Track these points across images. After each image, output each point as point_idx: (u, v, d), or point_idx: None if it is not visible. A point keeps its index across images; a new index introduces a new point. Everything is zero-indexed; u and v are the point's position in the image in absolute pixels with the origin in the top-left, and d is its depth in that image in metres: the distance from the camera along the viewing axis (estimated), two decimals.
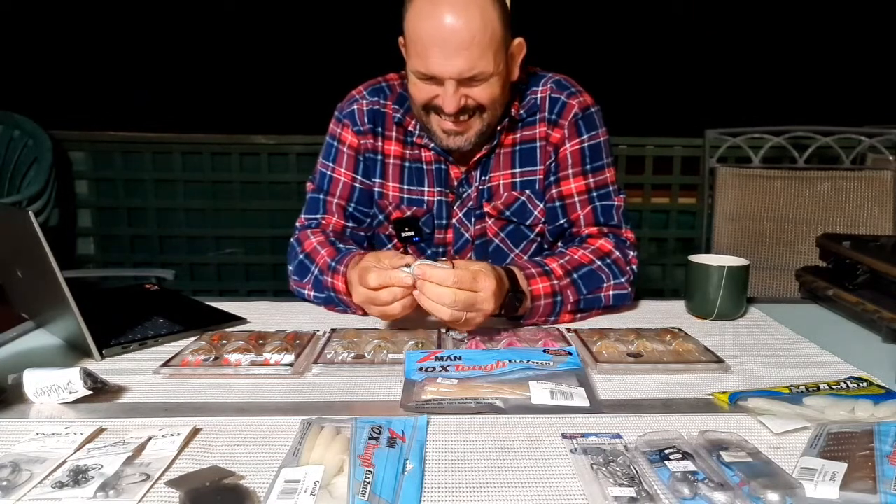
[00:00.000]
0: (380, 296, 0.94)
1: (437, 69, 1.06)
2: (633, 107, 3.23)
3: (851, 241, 1.23)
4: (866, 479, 0.59)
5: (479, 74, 1.07)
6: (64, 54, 3.74)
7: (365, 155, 1.27)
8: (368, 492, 0.58)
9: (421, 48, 1.06)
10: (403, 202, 1.27)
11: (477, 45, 1.04)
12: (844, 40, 3.85)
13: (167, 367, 0.88)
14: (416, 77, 1.11)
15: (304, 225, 1.27)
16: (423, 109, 1.15)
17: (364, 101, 1.26)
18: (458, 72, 1.06)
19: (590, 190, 1.22)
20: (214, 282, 3.04)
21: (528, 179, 1.24)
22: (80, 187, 2.94)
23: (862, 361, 0.92)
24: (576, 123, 1.21)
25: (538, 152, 1.23)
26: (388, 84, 1.28)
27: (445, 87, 1.08)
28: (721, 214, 1.96)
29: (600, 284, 1.13)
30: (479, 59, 1.05)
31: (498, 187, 1.24)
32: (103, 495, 0.58)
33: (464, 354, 0.89)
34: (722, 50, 4.02)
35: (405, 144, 1.26)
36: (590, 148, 1.22)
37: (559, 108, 1.21)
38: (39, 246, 0.85)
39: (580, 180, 1.22)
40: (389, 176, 1.27)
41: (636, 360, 0.91)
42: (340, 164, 1.27)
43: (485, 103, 1.11)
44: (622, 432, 0.70)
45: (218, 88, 3.95)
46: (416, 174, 1.26)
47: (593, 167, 1.22)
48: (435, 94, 1.10)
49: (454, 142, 1.15)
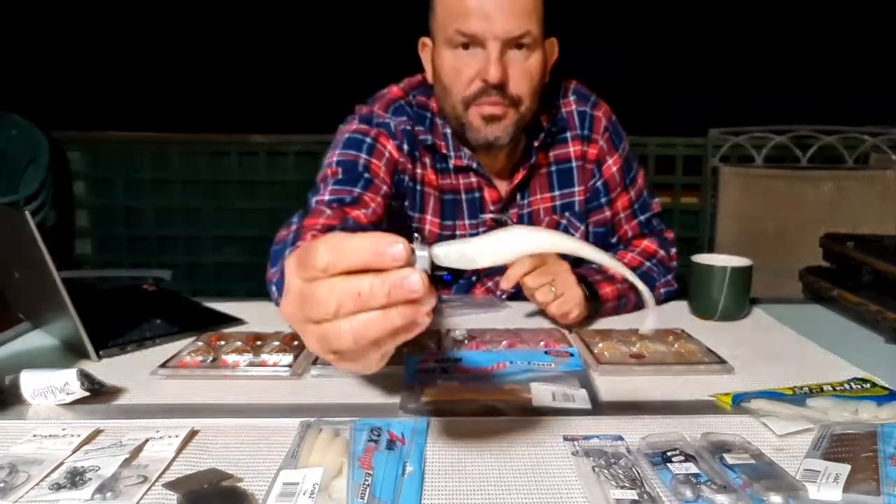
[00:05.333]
0: (339, 292, 0.46)
1: (482, 26, 0.98)
2: (635, 106, 3.22)
3: (855, 241, 1.23)
4: (870, 480, 0.59)
5: (526, 36, 0.99)
6: (61, 54, 3.73)
7: (402, 176, 1.12)
8: (367, 494, 0.57)
9: (462, 7, 0.99)
10: (440, 240, 1.17)
11: (524, 2, 0.99)
12: (847, 39, 3.85)
13: (165, 368, 0.87)
14: (452, 49, 1.02)
15: (327, 201, 1.00)
16: (462, 103, 1.05)
17: (393, 122, 1.12)
18: (504, 30, 0.98)
19: (632, 203, 1.23)
20: (212, 282, 3.04)
21: (568, 202, 1.21)
22: (77, 187, 2.94)
23: (865, 362, 0.91)
24: (610, 138, 1.20)
25: (575, 172, 1.20)
26: (404, 102, 1.15)
27: (488, 51, 1.00)
28: (724, 214, 1.95)
29: (653, 284, 1.17)
30: (527, 18, 0.98)
31: (538, 212, 1.20)
32: (101, 497, 0.57)
33: (464, 356, 0.88)
34: (724, 49, 4.02)
35: (438, 172, 1.16)
36: (625, 159, 1.22)
37: (589, 123, 1.19)
38: (36, 246, 0.85)
39: (623, 197, 1.23)
40: (429, 209, 1.16)
41: (638, 361, 0.90)
42: (380, 161, 1.08)
43: (522, 92, 1.04)
44: (624, 434, 0.69)
45: (216, 88, 3.94)
46: (451, 207, 1.18)
47: (630, 179, 1.23)
48: (475, 70, 1.01)
49: (492, 131, 1.06)
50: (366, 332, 0.45)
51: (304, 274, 0.47)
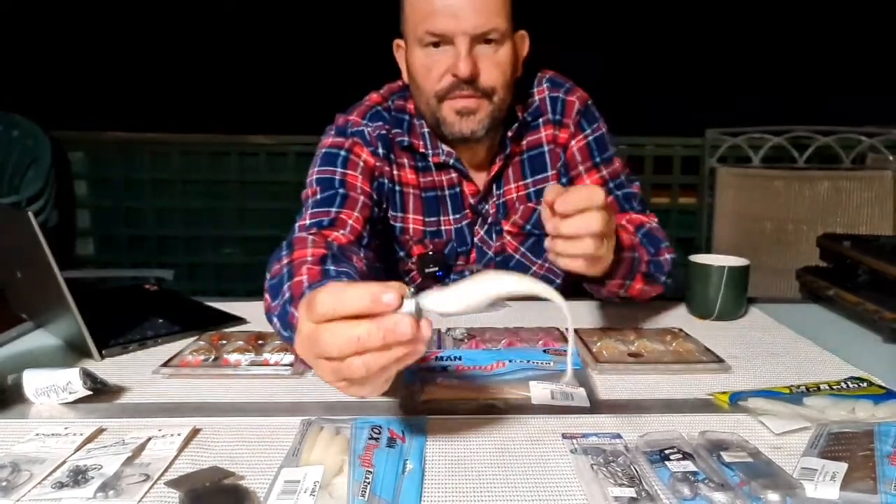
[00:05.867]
0: (340, 335, 0.53)
1: (450, 25, 1.00)
2: (632, 106, 3.23)
3: (852, 241, 1.23)
4: (867, 479, 0.59)
5: (494, 31, 1.01)
6: (62, 54, 3.74)
7: (380, 181, 1.15)
8: (368, 492, 0.57)
9: (429, 7, 1.01)
10: (426, 236, 1.20)
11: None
12: (846, 42, 3.85)
13: (167, 367, 0.88)
14: (422, 48, 1.04)
15: (307, 226, 1.02)
16: (434, 98, 1.07)
17: (369, 128, 1.14)
18: (472, 25, 1.00)
19: (605, 182, 1.18)
20: (213, 282, 3.04)
21: (542, 188, 1.20)
22: (79, 188, 2.95)
23: (862, 361, 0.92)
24: (579, 121, 1.19)
25: (548, 157, 1.20)
26: (382, 107, 1.17)
27: (457, 46, 1.01)
28: (721, 214, 1.96)
29: (658, 245, 1.10)
30: (494, 14, 1.00)
31: (513, 201, 1.21)
32: (103, 496, 0.58)
33: (464, 355, 0.89)
34: (722, 49, 4.02)
35: (418, 171, 1.18)
36: (595, 140, 1.19)
37: (561, 107, 1.19)
38: (39, 246, 0.85)
39: (594, 174, 1.18)
40: (410, 208, 1.19)
41: (636, 360, 0.91)
42: (355, 171, 1.11)
43: (494, 84, 1.05)
44: (622, 432, 0.69)
45: (216, 89, 3.94)
46: (434, 204, 1.20)
47: (603, 159, 1.19)
48: (445, 67, 1.03)
49: (467, 125, 1.07)
50: (375, 362, 0.53)
51: (312, 317, 0.55)
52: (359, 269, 0.89)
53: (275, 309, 0.82)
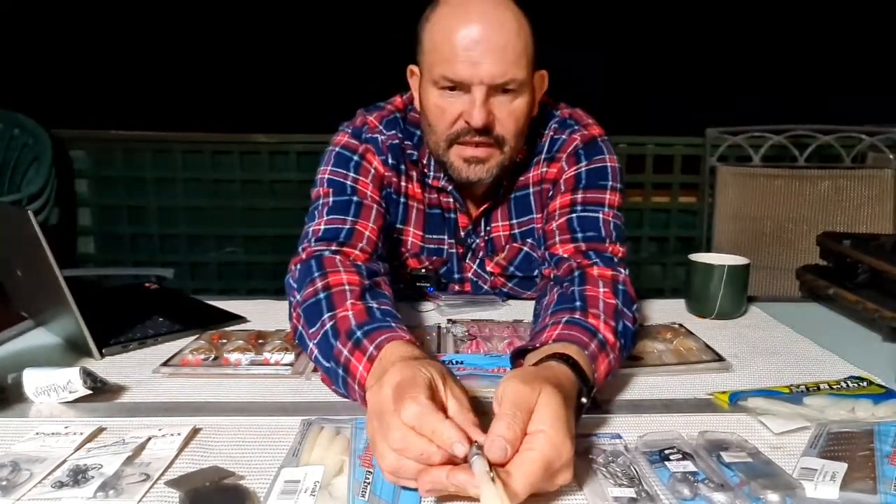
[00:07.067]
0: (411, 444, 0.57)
1: (468, 73, 0.96)
2: (633, 105, 3.23)
3: (852, 240, 1.23)
4: (866, 479, 0.59)
5: (511, 82, 0.97)
6: (64, 53, 3.74)
7: (388, 190, 1.13)
8: (368, 492, 0.57)
9: (449, 52, 0.97)
10: (424, 252, 1.19)
11: (511, 49, 0.96)
12: (845, 41, 3.85)
13: (167, 366, 0.88)
14: (438, 89, 1.01)
15: (321, 237, 0.99)
16: (445, 142, 1.04)
17: (383, 136, 1.12)
18: (490, 76, 0.96)
19: (574, 204, 1.07)
20: (215, 281, 3.04)
21: (527, 229, 1.17)
22: (80, 186, 2.94)
23: (862, 361, 0.92)
24: (575, 153, 1.10)
25: (532, 199, 1.16)
26: (400, 115, 1.15)
27: (473, 95, 0.98)
28: (721, 213, 1.96)
29: (630, 334, 0.89)
30: (513, 64, 0.97)
31: (499, 238, 1.18)
32: (103, 495, 0.58)
33: (465, 359, 0.89)
34: (722, 49, 4.02)
35: (423, 187, 1.15)
36: (590, 171, 1.09)
37: (558, 146, 1.13)
38: (39, 245, 0.85)
39: (566, 196, 1.08)
40: (412, 221, 1.17)
41: (636, 360, 0.91)
42: (367, 178, 1.09)
43: (507, 134, 1.02)
44: (622, 433, 0.70)
45: (218, 87, 3.94)
46: (436, 221, 1.17)
47: (587, 185, 1.08)
48: (459, 111, 1.00)
49: (474, 172, 1.04)
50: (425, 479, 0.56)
51: (397, 407, 0.59)
52: (391, 299, 0.89)
53: (313, 336, 0.82)
